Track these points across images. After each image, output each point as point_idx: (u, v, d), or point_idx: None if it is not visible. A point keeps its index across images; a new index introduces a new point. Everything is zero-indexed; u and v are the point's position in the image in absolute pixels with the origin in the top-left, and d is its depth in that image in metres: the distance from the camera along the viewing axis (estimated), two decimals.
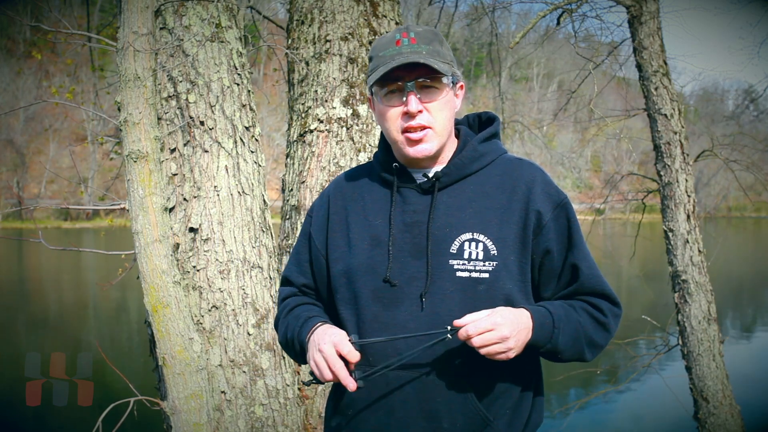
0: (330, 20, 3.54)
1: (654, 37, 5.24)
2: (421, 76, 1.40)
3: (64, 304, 15.44)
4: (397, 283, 1.41)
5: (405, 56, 1.38)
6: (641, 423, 7.34)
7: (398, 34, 1.43)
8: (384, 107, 1.45)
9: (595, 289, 1.46)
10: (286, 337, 1.54)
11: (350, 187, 1.58)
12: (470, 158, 1.48)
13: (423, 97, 1.41)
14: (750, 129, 19.66)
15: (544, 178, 1.48)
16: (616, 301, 1.48)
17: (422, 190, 1.47)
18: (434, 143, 1.44)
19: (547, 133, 48.51)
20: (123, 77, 2.50)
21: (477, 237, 1.41)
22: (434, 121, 1.42)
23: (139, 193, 2.52)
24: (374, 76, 1.41)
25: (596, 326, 1.44)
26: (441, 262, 1.40)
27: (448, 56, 1.46)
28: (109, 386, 4.04)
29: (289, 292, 1.62)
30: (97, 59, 5.98)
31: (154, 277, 2.55)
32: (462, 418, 1.39)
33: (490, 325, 1.28)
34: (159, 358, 2.62)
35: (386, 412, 1.41)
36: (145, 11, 2.51)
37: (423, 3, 9.05)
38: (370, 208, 1.51)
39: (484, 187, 1.46)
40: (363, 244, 1.47)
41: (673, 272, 5.24)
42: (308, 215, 1.64)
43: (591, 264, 1.47)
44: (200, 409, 2.62)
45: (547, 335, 1.36)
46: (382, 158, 1.54)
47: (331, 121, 3.49)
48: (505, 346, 1.29)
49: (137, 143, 2.51)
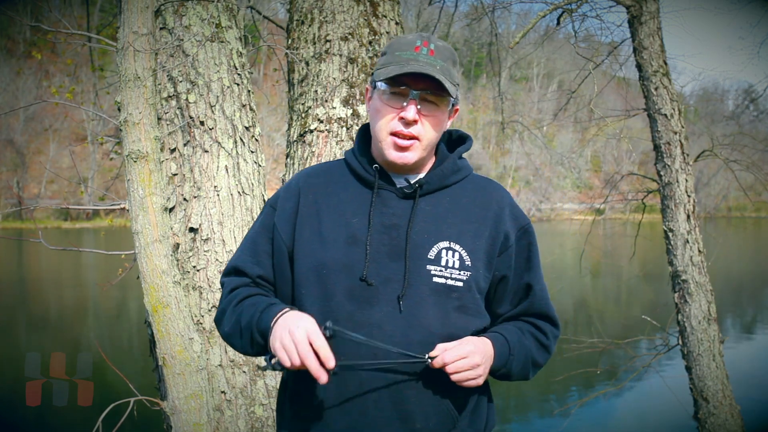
0: (330, 20, 3.54)
1: (654, 37, 5.24)
2: (428, 89, 1.41)
3: (64, 304, 15.44)
4: (373, 283, 1.41)
5: (420, 65, 1.40)
6: (641, 423, 7.34)
7: (419, 41, 1.44)
8: (382, 104, 1.45)
9: (542, 311, 1.56)
10: (239, 325, 1.44)
11: (322, 183, 1.55)
12: (450, 171, 1.53)
13: (423, 109, 1.43)
14: (750, 129, 19.67)
15: (511, 201, 1.57)
16: (558, 323, 1.60)
17: (403, 195, 1.48)
18: (416, 154, 1.46)
19: (547, 133, 48.54)
20: (123, 77, 2.50)
21: (453, 246, 1.45)
22: (424, 134, 1.44)
23: (139, 193, 2.52)
24: (385, 73, 1.42)
25: (540, 349, 1.55)
26: (418, 266, 1.42)
27: (456, 79, 1.48)
28: (109, 386, 4.04)
29: (240, 282, 1.53)
30: (97, 59, 5.97)
31: (154, 277, 2.55)
32: (435, 417, 1.41)
33: (464, 353, 1.35)
34: (159, 358, 2.62)
35: (359, 413, 1.40)
36: (145, 11, 2.51)
37: (423, 3, 9.05)
38: (347, 206, 1.50)
39: (461, 201, 1.51)
40: (338, 241, 1.46)
41: (673, 272, 5.24)
42: (269, 206, 1.58)
43: (543, 287, 1.57)
44: (200, 409, 2.62)
45: (504, 361, 1.46)
46: (359, 156, 1.54)
47: (331, 121, 3.49)
48: (476, 373, 1.37)
49: (137, 143, 2.51)
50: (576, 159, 46.25)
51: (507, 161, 58.52)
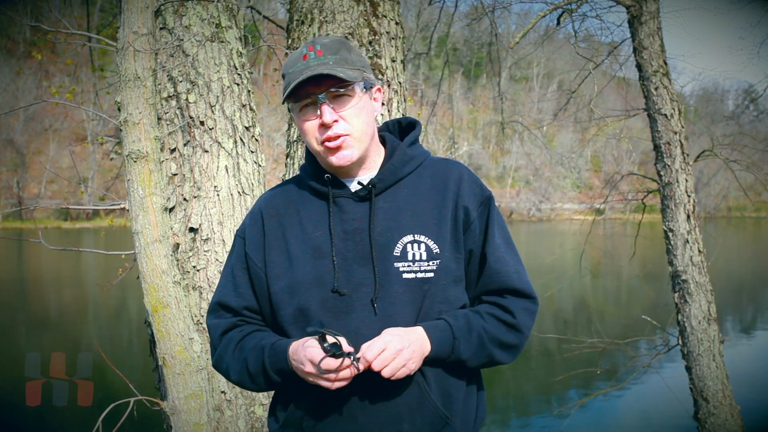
0: (330, 20, 3.54)
1: (654, 37, 5.24)
2: (331, 87, 1.41)
3: (64, 304, 15.44)
4: (345, 292, 1.42)
5: (312, 69, 1.39)
6: (641, 423, 7.34)
7: (305, 49, 1.44)
8: (301, 122, 1.46)
9: (503, 285, 1.47)
10: (248, 372, 1.47)
11: (282, 202, 1.56)
12: (401, 162, 1.51)
13: (336, 106, 1.42)
14: (750, 129, 19.68)
15: (470, 176, 1.53)
16: (529, 295, 1.49)
17: (358, 198, 1.48)
18: (355, 149, 1.45)
19: (547, 133, 48.51)
20: (123, 77, 2.50)
21: (418, 238, 1.44)
22: (352, 127, 1.44)
23: (139, 193, 2.52)
24: (285, 94, 1.43)
25: (505, 329, 1.45)
26: (387, 266, 1.42)
27: (359, 62, 1.47)
28: (109, 386, 4.04)
29: (227, 325, 1.54)
30: (97, 59, 5.98)
31: (154, 277, 2.55)
32: (422, 418, 1.41)
33: (382, 344, 1.31)
34: (159, 358, 2.62)
35: (348, 420, 1.41)
36: (145, 11, 2.51)
37: (423, 3, 9.04)
38: (308, 221, 1.50)
39: (418, 189, 1.50)
40: (305, 257, 1.47)
41: (673, 272, 5.24)
42: (238, 237, 1.59)
43: (500, 257, 1.48)
44: (200, 409, 2.62)
45: (448, 348, 1.40)
46: (312, 170, 1.54)
47: None
48: (403, 359, 1.32)
49: (137, 143, 2.51)
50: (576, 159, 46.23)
51: (507, 161, 58.51)
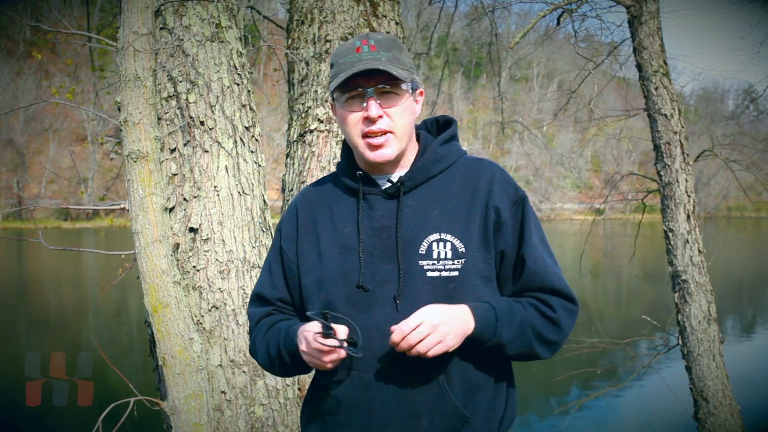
0: (330, 20, 3.54)
1: (654, 37, 5.24)
2: (381, 83, 1.43)
3: (64, 304, 15.44)
4: (369, 288, 1.44)
5: (365, 63, 1.41)
6: (641, 423, 7.34)
7: (358, 42, 1.46)
8: (345, 112, 1.48)
9: (544, 285, 1.47)
10: (269, 355, 1.55)
11: (317, 198, 1.61)
12: (432, 161, 1.52)
13: (383, 102, 1.44)
14: (750, 129, 19.68)
15: (503, 176, 1.52)
16: (569, 296, 1.48)
17: (387, 195, 1.50)
18: (394, 148, 1.47)
19: (547, 133, 48.51)
20: (123, 77, 2.50)
21: (444, 237, 1.44)
22: (394, 125, 1.45)
23: (139, 193, 2.52)
24: (335, 82, 1.44)
25: (545, 321, 1.44)
26: (411, 263, 1.43)
27: (408, 63, 1.49)
28: (109, 386, 4.04)
29: (262, 313, 1.62)
30: (97, 59, 5.98)
31: (154, 277, 2.55)
32: (441, 416, 1.41)
33: (419, 319, 1.31)
34: (159, 358, 2.62)
35: (366, 414, 1.43)
36: (145, 11, 2.51)
37: (423, 3, 9.04)
38: (339, 217, 1.54)
39: (448, 188, 1.50)
40: (333, 253, 1.50)
41: (673, 272, 5.24)
42: (277, 229, 1.66)
43: (540, 258, 1.48)
44: (200, 409, 2.62)
45: (491, 328, 1.38)
46: (346, 167, 1.57)
47: (331, 121, 3.49)
48: (440, 334, 1.31)
49: (137, 143, 2.51)
50: (576, 159, 46.24)
51: (507, 161, 58.49)
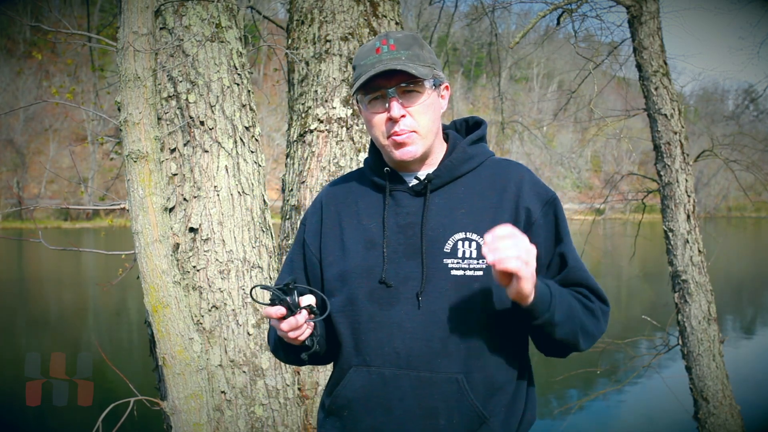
0: (330, 20, 3.54)
1: (654, 37, 5.24)
2: (402, 82, 1.43)
3: (64, 304, 15.43)
4: (392, 284, 1.44)
5: (384, 63, 1.41)
6: (641, 423, 7.33)
7: (378, 42, 1.46)
8: (369, 114, 1.48)
9: (582, 281, 1.47)
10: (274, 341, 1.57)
11: (342, 193, 1.61)
12: (460, 160, 1.52)
13: (405, 101, 1.44)
14: (750, 129, 19.66)
15: (532, 178, 1.53)
16: (604, 298, 1.49)
17: (414, 193, 1.50)
18: (419, 145, 1.47)
19: (547, 133, 48.51)
20: (123, 77, 2.50)
21: (470, 236, 1.43)
22: (418, 124, 1.45)
23: (139, 193, 2.52)
24: (357, 85, 1.45)
25: (587, 312, 1.44)
26: (435, 261, 1.43)
27: (429, 59, 1.48)
28: (109, 386, 4.04)
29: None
30: (97, 59, 5.98)
31: (154, 277, 2.55)
32: (459, 415, 1.40)
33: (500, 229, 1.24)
34: (159, 358, 2.62)
35: (384, 411, 1.43)
36: (145, 11, 2.51)
37: (423, 3, 9.05)
38: (364, 212, 1.54)
39: (476, 188, 1.50)
40: (357, 248, 1.50)
41: (673, 272, 5.24)
42: (302, 223, 1.66)
43: (577, 258, 1.50)
44: (200, 409, 2.62)
45: (546, 303, 1.34)
46: (373, 163, 1.58)
47: (331, 121, 3.49)
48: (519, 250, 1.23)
49: (137, 143, 2.51)
50: (576, 159, 46.21)
51: None
